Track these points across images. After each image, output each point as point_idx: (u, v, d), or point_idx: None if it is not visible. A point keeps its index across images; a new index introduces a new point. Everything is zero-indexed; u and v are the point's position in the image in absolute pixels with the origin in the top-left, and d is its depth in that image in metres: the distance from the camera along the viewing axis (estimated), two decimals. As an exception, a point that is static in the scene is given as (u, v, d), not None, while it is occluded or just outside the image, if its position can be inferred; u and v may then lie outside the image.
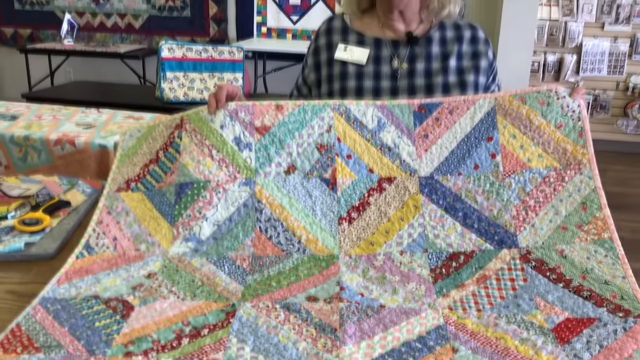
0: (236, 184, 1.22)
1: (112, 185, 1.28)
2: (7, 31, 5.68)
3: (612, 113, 4.67)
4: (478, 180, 1.20)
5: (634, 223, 3.33)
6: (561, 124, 1.20)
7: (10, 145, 2.14)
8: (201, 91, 3.07)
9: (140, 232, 1.20)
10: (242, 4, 5.13)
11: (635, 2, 4.42)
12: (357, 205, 1.21)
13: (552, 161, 1.19)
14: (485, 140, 1.22)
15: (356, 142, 1.24)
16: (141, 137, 1.32)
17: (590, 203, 1.15)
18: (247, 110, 1.26)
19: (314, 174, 1.23)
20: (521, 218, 1.16)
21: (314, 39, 1.52)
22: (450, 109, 1.24)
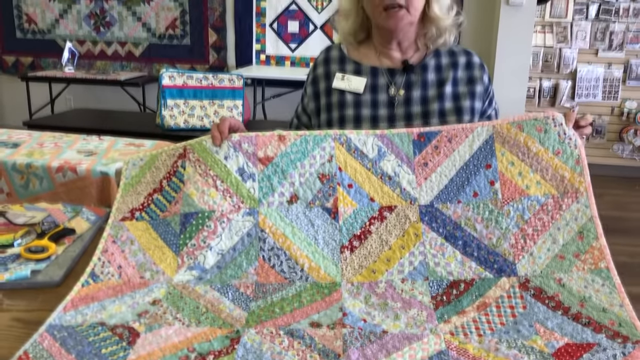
0: (240, 213, 1.24)
1: (116, 214, 1.30)
2: (8, 59, 5.74)
3: (607, 138, 4.71)
4: (477, 208, 1.22)
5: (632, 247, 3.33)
6: (559, 150, 1.23)
7: (12, 172, 2.15)
8: (201, 118, 3.11)
9: (145, 261, 1.21)
10: (241, 32, 5.21)
11: (627, 29, 4.50)
12: (359, 233, 1.22)
13: (550, 188, 1.21)
14: (483, 168, 1.24)
15: (357, 171, 1.26)
16: (144, 165, 1.34)
17: (587, 232, 1.16)
18: (251, 141, 1.29)
19: (316, 203, 1.25)
20: (520, 246, 1.17)
21: (312, 69, 1.55)
22: (449, 137, 1.26)
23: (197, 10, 5.23)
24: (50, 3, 5.50)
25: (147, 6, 5.32)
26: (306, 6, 5.05)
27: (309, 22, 5.09)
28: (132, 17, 5.39)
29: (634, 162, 4.72)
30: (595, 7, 4.50)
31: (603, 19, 4.51)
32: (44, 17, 5.55)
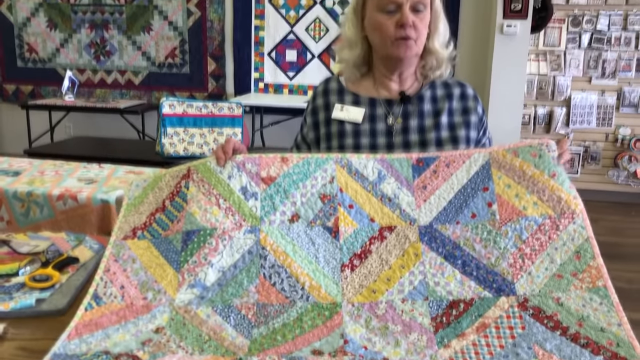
0: (241, 231, 1.26)
1: (118, 233, 1.31)
2: (9, 88, 5.79)
3: (602, 164, 4.76)
4: (476, 229, 1.24)
5: (630, 273, 3.35)
6: (554, 173, 1.25)
7: (13, 200, 2.17)
8: (201, 146, 3.13)
9: (147, 279, 1.22)
10: (240, 61, 5.28)
11: (620, 57, 4.58)
12: (359, 253, 1.24)
13: (547, 209, 1.23)
14: (481, 191, 1.26)
15: (357, 192, 1.29)
16: (147, 186, 1.36)
17: (584, 252, 1.18)
18: (254, 161, 1.32)
19: (317, 222, 1.27)
20: (518, 266, 1.19)
21: (312, 100, 1.59)
22: (447, 163, 1.30)
23: (197, 40, 5.31)
24: (51, 32, 5.58)
25: (147, 35, 5.40)
26: (304, 36, 5.14)
27: (307, 51, 5.17)
28: (132, 46, 5.46)
29: (629, 188, 4.75)
30: (588, 36, 4.59)
31: (595, 47, 4.59)
32: (45, 47, 5.62)
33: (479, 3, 4.79)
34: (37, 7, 5.55)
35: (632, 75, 4.60)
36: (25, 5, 5.57)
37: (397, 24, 1.39)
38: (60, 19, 5.53)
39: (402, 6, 1.38)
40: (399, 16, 1.39)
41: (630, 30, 4.53)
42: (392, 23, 1.40)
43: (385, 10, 1.40)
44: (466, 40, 4.86)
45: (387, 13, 1.40)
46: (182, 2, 5.26)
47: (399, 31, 1.39)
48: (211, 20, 5.24)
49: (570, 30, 4.60)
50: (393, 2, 1.39)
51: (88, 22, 5.49)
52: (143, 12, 5.36)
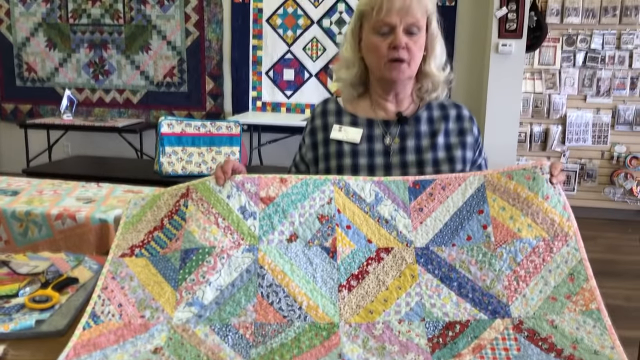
0: (240, 250, 1.27)
1: (116, 251, 1.31)
2: (7, 107, 5.82)
3: (599, 181, 4.78)
4: (471, 251, 1.25)
5: (627, 290, 3.35)
6: (548, 196, 1.27)
7: (11, 220, 2.17)
8: (199, 165, 3.14)
9: (145, 297, 1.22)
10: (238, 80, 5.32)
11: (614, 76, 4.63)
12: (357, 273, 1.25)
13: (541, 231, 1.25)
14: (476, 213, 1.28)
15: (355, 214, 1.30)
16: (145, 205, 1.37)
17: (577, 274, 1.20)
18: (253, 181, 1.34)
19: (315, 242, 1.28)
20: (513, 288, 1.20)
21: (310, 120, 1.61)
22: (442, 185, 1.32)
23: (195, 59, 5.35)
24: (50, 52, 5.62)
25: (145, 55, 5.44)
26: (301, 55, 5.18)
27: (304, 70, 5.21)
28: (131, 65, 5.50)
29: (625, 205, 4.77)
30: (582, 55, 4.64)
31: (590, 66, 4.64)
32: (44, 66, 5.66)
33: (475, 23, 4.85)
34: (37, 27, 5.59)
35: (627, 93, 4.64)
36: (24, 25, 5.61)
37: (389, 45, 1.41)
38: (59, 39, 5.58)
39: (395, 28, 1.40)
40: (392, 38, 1.41)
41: (623, 49, 4.58)
42: (386, 45, 1.42)
43: (379, 32, 1.43)
44: (462, 60, 4.91)
45: (381, 35, 1.42)
46: (181, 22, 5.32)
47: (391, 53, 1.41)
48: (209, 40, 5.29)
49: (565, 49, 4.66)
50: (387, 24, 1.41)
51: (87, 41, 5.53)
52: (142, 32, 5.41)
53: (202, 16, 5.25)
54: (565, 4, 4.57)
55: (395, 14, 1.39)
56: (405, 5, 1.39)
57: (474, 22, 4.85)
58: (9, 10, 5.61)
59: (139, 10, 5.37)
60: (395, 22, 1.40)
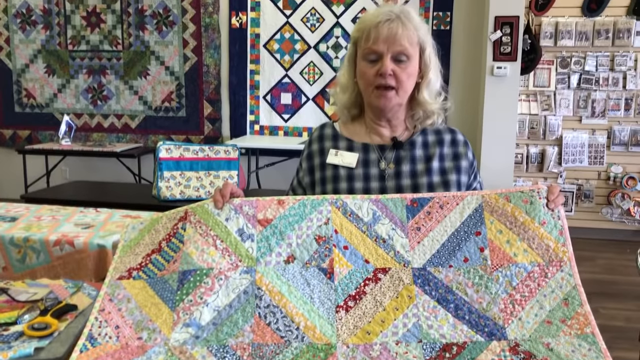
0: (237, 271, 1.27)
1: (113, 273, 1.32)
2: (6, 133, 5.84)
3: (596, 202, 4.80)
4: (468, 273, 1.26)
5: (627, 311, 3.34)
6: (544, 221, 1.28)
7: (9, 246, 2.16)
8: (197, 189, 3.15)
9: (142, 319, 1.22)
10: (236, 104, 5.35)
11: (608, 97, 4.68)
12: (354, 294, 1.25)
13: (536, 257, 1.26)
14: (473, 235, 1.29)
15: (352, 234, 1.31)
16: (144, 229, 1.38)
17: (572, 299, 1.21)
18: (251, 204, 1.35)
19: (312, 263, 1.29)
20: (509, 311, 1.21)
21: (308, 145, 1.63)
22: (440, 204, 1.33)
23: (193, 84, 5.39)
24: (49, 78, 5.66)
25: (143, 80, 5.48)
26: (298, 79, 5.23)
27: (301, 94, 5.25)
28: (129, 90, 5.54)
29: (623, 226, 4.78)
30: (577, 77, 4.69)
31: (584, 87, 4.69)
32: (43, 92, 5.70)
33: (469, 46, 4.91)
34: (36, 53, 5.64)
35: (621, 114, 4.68)
36: (24, 52, 5.66)
37: (377, 72, 1.43)
38: (58, 65, 5.62)
39: (382, 56, 1.43)
40: (379, 65, 1.43)
41: (617, 71, 4.63)
42: (373, 72, 1.44)
43: (368, 59, 1.45)
44: (458, 82, 4.95)
45: (369, 62, 1.45)
46: (179, 48, 5.37)
47: (378, 79, 1.44)
48: (207, 65, 5.33)
49: (559, 71, 4.71)
50: (374, 52, 1.44)
51: (86, 67, 5.58)
52: (140, 57, 5.46)
53: (200, 42, 5.31)
54: (559, 27, 4.63)
55: (382, 42, 1.42)
56: (391, 34, 1.42)
57: (468, 45, 4.91)
58: (8, 37, 5.66)
59: (138, 36, 5.43)
60: (382, 50, 1.43)
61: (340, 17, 5.07)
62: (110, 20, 5.46)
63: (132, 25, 5.43)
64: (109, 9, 5.45)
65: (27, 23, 5.61)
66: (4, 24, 5.66)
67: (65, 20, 5.54)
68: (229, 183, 1.37)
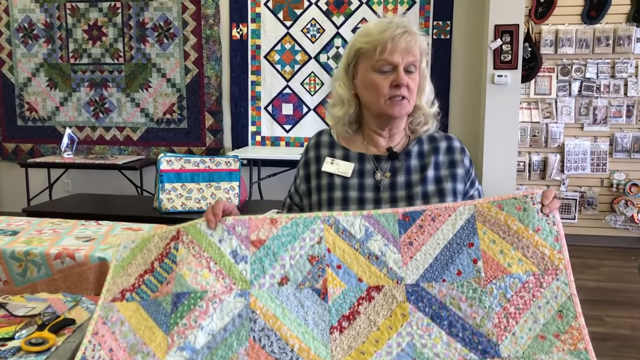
0: (232, 294, 1.26)
1: (106, 295, 1.31)
2: (8, 146, 5.85)
3: (599, 209, 4.77)
4: (461, 287, 1.24)
5: (633, 319, 3.31)
6: (539, 228, 1.26)
7: (10, 260, 2.16)
8: (198, 200, 3.15)
9: (136, 342, 1.21)
10: (237, 115, 5.36)
11: (610, 104, 4.67)
12: (348, 314, 1.24)
13: (531, 266, 1.24)
14: (466, 247, 1.27)
15: (345, 252, 1.30)
16: (135, 248, 1.37)
17: (567, 311, 1.19)
18: (244, 224, 1.33)
19: (306, 284, 1.28)
20: (502, 326, 1.20)
21: (305, 152, 1.63)
22: (432, 217, 1.31)
23: (194, 96, 5.41)
24: (51, 92, 5.68)
25: (145, 92, 5.50)
26: (299, 89, 5.24)
27: (303, 105, 5.26)
28: (131, 103, 5.56)
29: (627, 233, 4.75)
30: (578, 84, 4.69)
31: (586, 95, 4.69)
32: (45, 105, 5.72)
33: (470, 54, 4.91)
34: (38, 67, 5.67)
35: (623, 121, 4.67)
36: (26, 66, 5.69)
37: (392, 83, 1.44)
38: (60, 79, 5.65)
39: (397, 67, 1.44)
40: (394, 76, 1.44)
41: (618, 78, 4.63)
42: (387, 83, 1.45)
43: (380, 71, 1.45)
44: (458, 91, 4.95)
45: (382, 73, 1.45)
46: (180, 60, 5.39)
47: (394, 90, 1.45)
48: (208, 77, 5.35)
49: (560, 78, 4.71)
50: (390, 63, 1.44)
51: (87, 80, 5.60)
52: (142, 70, 5.48)
53: (201, 54, 5.33)
54: (559, 35, 4.64)
55: (398, 53, 1.43)
56: (408, 46, 1.44)
57: (469, 54, 4.92)
58: (11, 51, 5.70)
59: (139, 49, 5.45)
60: (398, 61, 1.44)
61: (340, 28, 5.09)
62: (112, 34, 5.49)
63: (134, 38, 5.45)
64: (110, 22, 5.48)
65: (29, 37, 5.65)
66: (6, 39, 5.69)
67: (67, 34, 5.57)
68: (220, 201, 1.36)
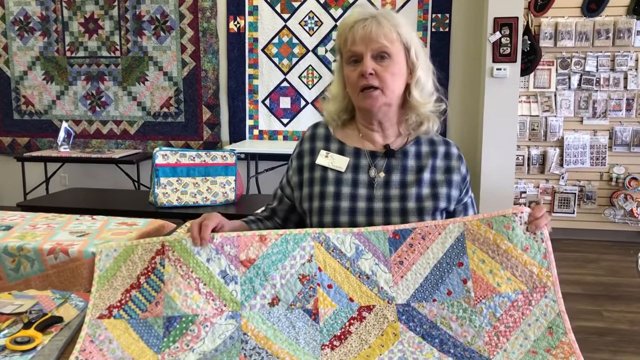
0: (223, 317, 1.25)
1: (93, 311, 1.28)
2: (5, 140, 5.83)
3: (598, 203, 4.76)
4: (451, 307, 1.24)
5: (632, 314, 3.30)
6: (527, 247, 1.26)
7: (3, 255, 2.14)
8: (194, 195, 3.13)
9: (124, 358, 1.19)
10: (235, 109, 5.34)
11: (609, 97, 4.64)
12: (339, 334, 1.24)
13: (519, 284, 1.24)
14: (456, 266, 1.27)
15: (336, 271, 1.28)
16: (119, 257, 1.33)
17: (556, 328, 1.19)
18: (232, 243, 1.31)
19: (297, 305, 1.27)
20: (493, 344, 1.19)
21: (299, 144, 1.60)
22: (422, 235, 1.30)
23: (191, 89, 5.38)
24: (48, 85, 5.65)
25: (142, 86, 5.47)
26: (297, 83, 5.21)
27: (300, 98, 5.23)
28: (128, 96, 5.53)
29: (626, 227, 4.74)
30: (577, 78, 4.66)
31: (585, 88, 4.66)
32: (41, 99, 5.69)
33: (469, 48, 4.88)
34: (34, 60, 5.64)
35: (623, 114, 4.65)
36: (22, 59, 5.66)
37: (359, 74, 1.41)
38: (56, 72, 5.62)
39: (362, 56, 1.41)
40: (360, 66, 1.41)
41: (618, 71, 4.60)
42: (357, 74, 1.42)
43: (350, 63, 1.44)
44: (457, 85, 4.93)
45: (352, 65, 1.43)
46: (177, 53, 5.36)
47: (361, 80, 1.41)
48: (205, 70, 5.32)
49: (560, 72, 4.68)
50: (354, 53, 1.42)
51: (84, 74, 5.57)
52: (138, 63, 5.45)
53: (198, 47, 5.29)
54: (559, 28, 4.60)
55: (359, 42, 1.41)
56: (367, 32, 1.40)
57: (468, 47, 4.89)
58: (6, 44, 5.66)
59: (136, 42, 5.42)
60: (361, 50, 1.41)
61: (338, 20, 5.05)
62: (108, 27, 5.46)
63: (130, 31, 5.42)
64: (106, 15, 5.45)
65: (24, 30, 5.61)
66: (2, 32, 5.65)
67: (63, 27, 5.54)
68: (209, 225, 1.31)
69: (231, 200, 3.19)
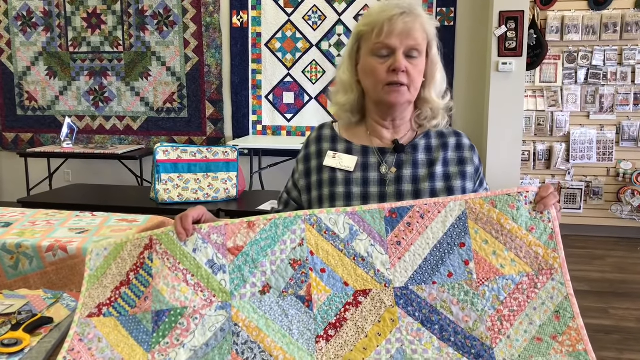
0: (212, 308, 1.21)
1: (83, 310, 1.25)
2: (8, 136, 5.82)
3: (605, 199, 4.71)
4: (453, 290, 1.18)
5: (638, 311, 3.26)
6: (532, 227, 1.20)
7: (1, 252, 2.12)
8: (195, 191, 3.10)
9: (114, 357, 1.17)
10: (238, 104, 5.31)
11: (617, 92, 4.58)
12: (334, 322, 1.18)
13: (524, 266, 1.18)
14: (457, 247, 1.20)
15: (329, 254, 1.22)
16: (109, 256, 1.30)
17: (564, 312, 1.13)
18: (220, 231, 1.26)
19: (289, 292, 1.21)
20: (496, 329, 1.14)
21: (305, 147, 1.56)
22: (421, 213, 1.23)
23: (195, 85, 5.35)
24: (51, 81, 5.64)
25: (145, 81, 5.45)
26: (301, 78, 5.17)
27: (304, 93, 5.20)
28: (131, 92, 5.51)
29: (633, 223, 4.69)
30: (584, 72, 4.60)
31: (592, 82, 4.60)
32: (45, 95, 5.68)
33: (474, 42, 4.83)
34: (37, 56, 5.62)
35: (630, 109, 4.59)
36: (25, 55, 5.64)
37: (389, 68, 1.36)
38: (59, 68, 5.60)
39: (395, 51, 1.36)
40: (391, 61, 1.36)
41: (625, 65, 4.54)
42: (385, 68, 1.37)
43: (378, 55, 1.38)
44: (462, 79, 4.88)
45: (380, 57, 1.38)
46: (180, 48, 5.33)
47: (390, 76, 1.36)
48: (209, 65, 5.29)
49: (566, 66, 4.62)
50: (387, 47, 1.36)
51: (87, 69, 5.55)
52: (141, 58, 5.42)
53: (201, 42, 5.26)
54: (565, 21, 4.55)
55: (396, 36, 1.35)
56: (407, 28, 1.35)
57: (473, 41, 4.84)
58: (9, 40, 5.65)
59: (138, 37, 5.39)
60: (395, 45, 1.36)
61: (342, 15, 5.01)
62: (111, 22, 5.43)
63: (133, 26, 5.39)
64: (109, 10, 5.42)
65: (27, 25, 5.59)
66: (5, 27, 5.64)
67: (65, 22, 5.52)
68: (189, 214, 1.28)
69: (233, 196, 3.16)
